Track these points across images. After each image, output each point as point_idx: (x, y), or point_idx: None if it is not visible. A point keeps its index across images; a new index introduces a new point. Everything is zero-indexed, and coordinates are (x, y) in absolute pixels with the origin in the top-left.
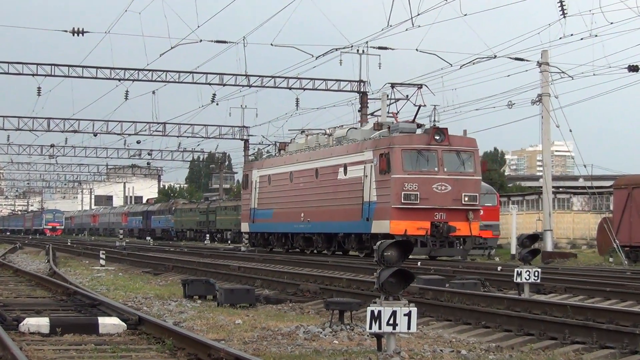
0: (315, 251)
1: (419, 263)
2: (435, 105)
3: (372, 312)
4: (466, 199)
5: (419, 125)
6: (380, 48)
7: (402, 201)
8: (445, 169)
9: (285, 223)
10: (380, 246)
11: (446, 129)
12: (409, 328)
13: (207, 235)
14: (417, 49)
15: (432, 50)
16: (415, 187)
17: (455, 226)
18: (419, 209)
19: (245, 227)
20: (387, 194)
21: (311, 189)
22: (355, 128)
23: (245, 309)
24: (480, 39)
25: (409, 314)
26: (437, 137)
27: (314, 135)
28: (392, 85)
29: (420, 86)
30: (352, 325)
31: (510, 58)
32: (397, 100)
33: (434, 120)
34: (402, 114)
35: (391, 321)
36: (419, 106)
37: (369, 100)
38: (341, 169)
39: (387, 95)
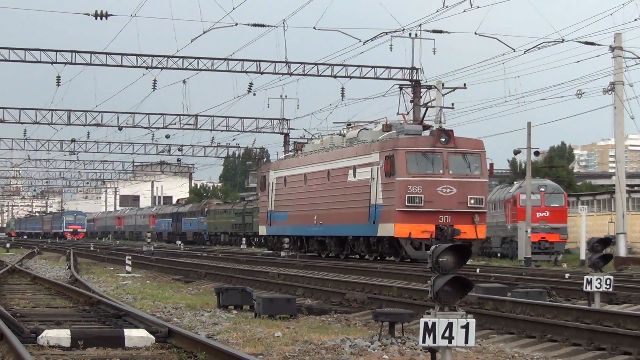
0: (330, 255)
1: (477, 270)
2: (441, 107)
3: (426, 323)
4: (472, 201)
5: (426, 127)
6: (434, 32)
7: (407, 204)
8: (450, 172)
9: (300, 226)
10: (434, 251)
11: (452, 130)
12: (466, 342)
13: (244, 239)
14: (475, 33)
15: (492, 33)
16: (419, 190)
17: (460, 229)
18: (424, 212)
19: (262, 230)
20: (392, 196)
21: (323, 192)
22: (367, 129)
23: (285, 320)
24: (546, 21)
25: (466, 326)
26: (443, 139)
27: (329, 136)
28: (401, 87)
29: (429, 87)
30: (404, 339)
31: (580, 42)
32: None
33: (440, 122)
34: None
35: (447, 334)
36: (427, 107)
37: (422, 90)
38: (351, 171)
39: (443, 84)
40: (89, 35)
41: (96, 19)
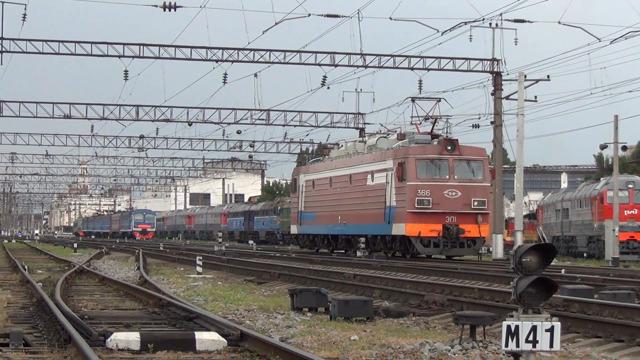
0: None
1: (562, 270)
2: (447, 118)
3: (509, 327)
4: (475, 203)
5: (435, 137)
6: (516, 21)
7: (416, 206)
8: (455, 177)
9: (327, 225)
10: (517, 251)
11: (457, 140)
12: (551, 346)
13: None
14: (559, 22)
15: (576, 23)
16: (427, 193)
17: (464, 229)
18: (432, 213)
19: (294, 229)
20: (404, 199)
21: (346, 194)
22: (385, 137)
23: (361, 323)
24: (634, 9)
25: (551, 330)
26: (449, 148)
27: (352, 142)
28: (413, 100)
29: (439, 100)
30: (486, 343)
31: None
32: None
33: (447, 132)
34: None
35: (531, 338)
36: (435, 119)
37: (503, 82)
38: (369, 176)
39: (525, 76)
40: (157, 28)
41: (164, 10)
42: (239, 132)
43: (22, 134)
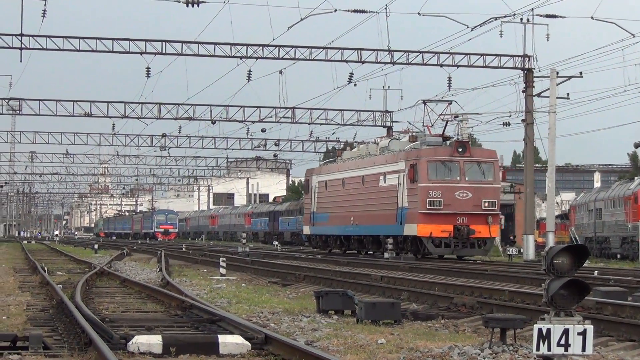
0: (369, 252)
1: (595, 272)
2: (459, 122)
3: (540, 330)
4: (486, 204)
5: (446, 138)
6: (548, 16)
7: (428, 207)
8: (466, 178)
9: (339, 226)
10: (549, 252)
11: (468, 142)
12: (583, 349)
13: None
14: (592, 17)
15: (610, 18)
16: (439, 195)
17: (475, 229)
18: (443, 214)
19: (306, 229)
20: (415, 200)
21: (359, 195)
22: (397, 139)
23: (389, 326)
24: None
25: (583, 333)
26: (460, 150)
27: (365, 144)
28: (424, 102)
29: (450, 102)
30: (516, 346)
31: None
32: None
33: (458, 134)
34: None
35: (562, 341)
36: (447, 121)
37: (534, 79)
38: (382, 177)
39: (557, 73)
40: (180, 24)
41: (187, 6)
42: (263, 131)
43: (42, 132)
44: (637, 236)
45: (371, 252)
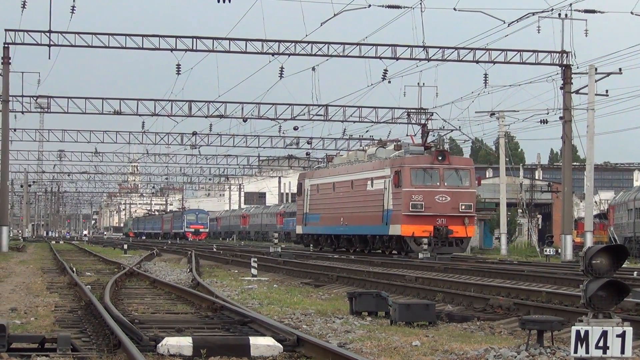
0: (357, 250)
1: (635, 273)
2: (440, 134)
3: (578, 332)
4: (463, 207)
5: (427, 147)
6: (587, 11)
7: (410, 209)
8: (445, 184)
9: (330, 226)
10: (587, 253)
11: (447, 151)
12: (622, 352)
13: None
14: (631, 12)
15: None
16: (420, 198)
17: (453, 229)
18: (424, 216)
19: (299, 229)
20: (399, 203)
21: (348, 198)
22: (384, 147)
23: (423, 328)
24: None
25: (622, 335)
26: (440, 158)
27: (353, 151)
28: (408, 113)
29: (431, 114)
30: (554, 349)
31: None
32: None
33: (438, 144)
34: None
35: (601, 343)
36: (428, 132)
37: (572, 76)
38: (369, 182)
39: (596, 69)
40: (211, 20)
41: (219, 2)
42: (295, 129)
43: (71, 130)
44: None
45: (359, 250)
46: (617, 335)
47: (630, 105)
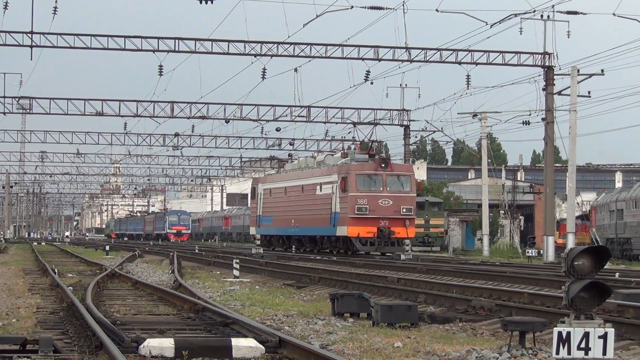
0: (307, 250)
1: (616, 274)
2: (383, 142)
3: (560, 333)
4: (404, 210)
5: (372, 156)
6: (569, 13)
7: (356, 212)
8: (388, 189)
9: (282, 227)
10: (569, 254)
11: (389, 159)
12: (604, 353)
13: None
14: (614, 14)
15: (632, 14)
16: (365, 202)
17: (395, 230)
18: (368, 218)
19: (252, 230)
20: (346, 207)
21: (299, 201)
22: (332, 154)
23: (405, 329)
24: None
25: (604, 336)
26: (383, 165)
27: (304, 158)
28: (354, 124)
29: (375, 125)
30: (535, 350)
31: None
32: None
33: (381, 153)
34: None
35: (583, 345)
36: (372, 142)
37: (555, 77)
38: (318, 187)
39: (578, 70)
40: (193, 21)
41: (201, 3)
42: (278, 130)
43: (53, 132)
44: None
45: (309, 249)
46: (599, 337)
47: (612, 107)
